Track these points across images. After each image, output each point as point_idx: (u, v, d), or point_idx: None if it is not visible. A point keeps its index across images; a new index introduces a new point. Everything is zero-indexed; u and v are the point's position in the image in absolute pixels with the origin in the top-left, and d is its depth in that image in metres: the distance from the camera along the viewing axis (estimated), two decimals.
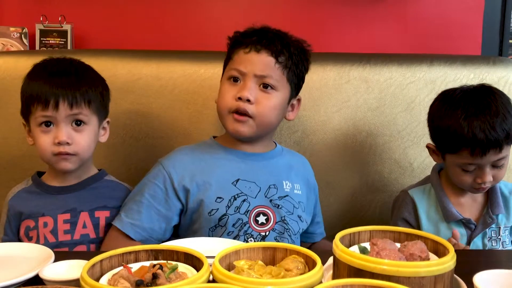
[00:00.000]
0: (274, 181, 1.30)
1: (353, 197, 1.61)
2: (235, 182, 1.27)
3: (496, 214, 1.32)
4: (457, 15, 1.91)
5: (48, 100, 1.18)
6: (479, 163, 1.24)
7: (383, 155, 1.61)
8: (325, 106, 1.60)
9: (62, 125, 1.20)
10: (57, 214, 1.24)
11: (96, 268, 0.79)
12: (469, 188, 1.30)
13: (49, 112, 1.19)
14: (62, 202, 1.26)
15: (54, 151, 1.20)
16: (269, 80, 1.25)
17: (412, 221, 1.36)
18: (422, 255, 0.82)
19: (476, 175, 1.27)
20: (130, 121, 1.56)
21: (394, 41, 1.90)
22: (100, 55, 1.58)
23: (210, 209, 1.24)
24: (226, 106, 1.26)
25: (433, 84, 1.61)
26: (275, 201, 1.29)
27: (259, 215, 1.26)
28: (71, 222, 1.24)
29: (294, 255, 0.83)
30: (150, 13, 1.87)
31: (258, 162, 1.31)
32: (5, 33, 1.80)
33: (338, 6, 1.90)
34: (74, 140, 1.21)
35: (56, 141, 1.20)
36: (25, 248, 1.03)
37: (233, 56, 1.29)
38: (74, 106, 1.20)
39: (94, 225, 1.25)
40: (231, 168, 1.29)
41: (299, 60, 1.30)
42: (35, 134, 1.22)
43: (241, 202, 1.25)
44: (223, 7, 1.88)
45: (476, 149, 1.22)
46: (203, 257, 0.79)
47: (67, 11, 1.82)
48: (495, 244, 1.33)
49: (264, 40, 1.26)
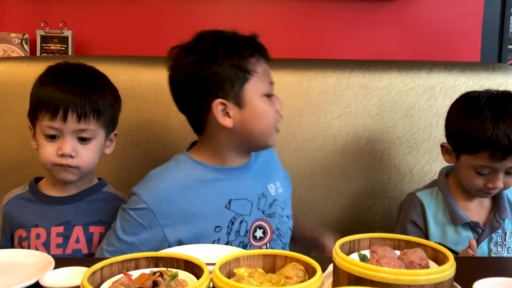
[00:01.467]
0: (261, 189, 1.25)
1: (352, 203, 1.61)
2: (228, 205, 1.19)
3: (502, 219, 1.32)
4: (456, 21, 1.92)
5: (57, 110, 1.16)
6: (496, 167, 1.24)
7: (382, 161, 1.61)
8: (325, 112, 1.61)
9: (68, 138, 1.18)
10: (51, 226, 1.21)
11: (97, 275, 0.79)
12: (477, 191, 1.30)
13: (57, 123, 1.17)
14: (57, 213, 1.23)
15: (56, 162, 1.19)
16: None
17: (420, 223, 1.35)
18: (422, 263, 0.82)
19: (488, 179, 1.27)
20: (130, 127, 1.56)
21: (394, 47, 1.91)
22: (100, 61, 1.58)
23: (211, 241, 1.16)
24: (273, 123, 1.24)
25: (433, 90, 1.61)
26: (267, 211, 1.24)
27: (256, 230, 1.22)
28: (64, 236, 1.21)
29: (294, 263, 0.83)
30: (151, 19, 1.87)
31: (243, 175, 1.24)
32: (6, 39, 1.81)
33: (337, 13, 1.91)
34: (78, 154, 1.19)
35: (59, 153, 1.18)
36: (25, 254, 1.03)
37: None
38: (82, 120, 1.17)
39: (87, 240, 1.22)
40: (220, 189, 1.19)
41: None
42: (40, 141, 1.21)
43: (239, 225, 1.19)
44: (223, 14, 1.89)
45: (497, 152, 1.22)
46: (203, 265, 0.79)
47: (68, 17, 1.83)
48: (501, 249, 1.33)
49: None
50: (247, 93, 1.16)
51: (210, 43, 1.18)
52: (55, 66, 1.25)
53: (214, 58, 1.16)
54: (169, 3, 1.87)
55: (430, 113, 1.61)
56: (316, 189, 1.59)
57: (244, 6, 1.91)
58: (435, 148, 1.60)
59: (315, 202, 1.60)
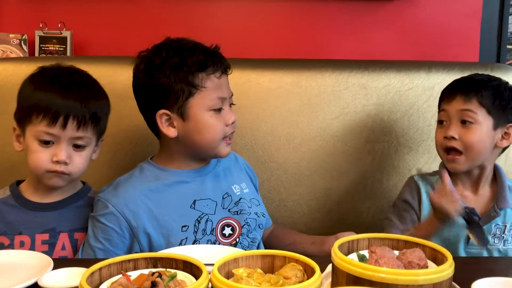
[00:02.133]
0: (225, 189, 1.29)
1: (351, 203, 1.61)
2: (193, 205, 1.24)
3: (501, 208, 1.32)
4: (455, 22, 1.92)
5: (57, 117, 1.13)
6: (447, 108, 1.33)
7: (381, 162, 1.61)
8: (324, 112, 1.61)
9: (64, 145, 1.16)
10: (35, 234, 1.18)
11: (95, 276, 0.79)
12: (441, 152, 1.35)
13: (55, 130, 1.14)
14: (41, 220, 1.20)
15: (50, 169, 1.16)
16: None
17: (414, 204, 1.38)
18: (421, 263, 0.82)
19: (446, 129, 1.32)
20: (128, 127, 1.56)
21: (393, 47, 1.91)
22: (99, 62, 1.59)
23: (179, 240, 1.20)
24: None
25: (431, 90, 1.61)
26: (233, 209, 1.28)
27: (224, 228, 1.25)
28: (50, 243, 1.19)
29: (293, 263, 0.83)
30: (150, 20, 1.87)
31: (205, 176, 1.28)
32: (4, 40, 1.81)
33: (336, 13, 1.91)
34: (72, 161, 1.17)
35: (54, 159, 1.15)
36: (24, 255, 1.03)
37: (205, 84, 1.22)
38: (81, 128, 1.16)
39: (73, 247, 1.20)
40: (184, 191, 1.24)
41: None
42: (31, 146, 1.17)
43: (205, 223, 1.23)
44: (222, 15, 1.89)
45: (446, 93, 1.35)
46: (202, 265, 0.79)
47: (66, 18, 1.83)
48: (497, 241, 1.33)
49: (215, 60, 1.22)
50: (191, 106, 1.19)
51: (162, 54, 1.21)
52: (48, 68, 1.22)
53: (162, 69, 1.20)
54: (167, 4, 1.87)
55: (429, 113, 1.61)
56: (315, 189, 1.59)
57: (243, 6, 1.91)
58: (434, 148, 1.59)
59: (314, 202, 1.60)
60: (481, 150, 1.30)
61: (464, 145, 1.30)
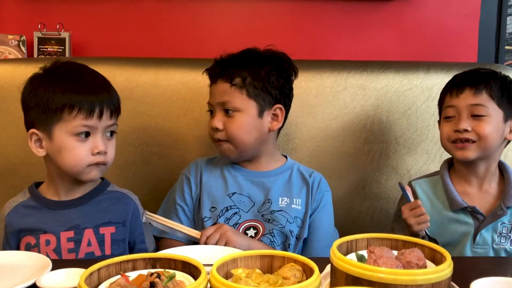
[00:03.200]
0: (269, 196, 1.36)
1: (350, 203, 1.62)
2: (231, 195, 1.36)
3: (508, 206, 1.30)
4: (454, 22, 1.92)
5: (93, 108, 1.15)
6: (456, 103, 1.30)
7: (380, 162, 1.61)
8: (323, 113, 1.61)
9: (100, 135, 1.17)
10: (60, 232, 1.18)
11: (94, 276, 0.79)
12: (450, 145, 1.33)
13: (93, 121, 1.15)
14: (65, 218, 1.20)
15: (91, 162, 1.17)
16: (229, 105, 1.31)
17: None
18: (419, 263, 0.82)
19: (455, 123, 1.31)
20: (128, 128, 1.56)
21: (391, 48, 1.91)
22: (98, 63, 1.58)
23: (204, 216, 1.34)
24: (210, 137, 1.38)
25: (430, 91, 1.62)
26: (267, 216, 1.34)
27: (249, 229, 1.33)
28: (75, 240, 1.18)
29: (292, 263, 0.83)
30: (148, 21, 1.87)
31: (258, 179, 1.38)
32: (3, 41, 1.80)
33: (335, 14, 1.91)
34: (108, 149, 1.19)
35: (95, 151, 1.16)
36: (22, 256, 1.03)
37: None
38: (113, 116, 1.20)
39: (99, 242, 1.20)
40: (231, 182, 1.37)
41: (260, 76, 1.33)
42: (66, 143, 1.15)
43: (232, 215, 1.34)
44: (221, 16, 1.89)
45: (454, 89, 1.32)
46: (201, 266, 0.79)
47: (65, 19, 1.82)
48: (504, 241, 1.32)
49: (219, 69, 1.35)
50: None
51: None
52: (59, 68, 1.21)
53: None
54: (166, 5, 1.87)
55: (428, 113, 1.61)
56: None
57: (242, 7, 1.91)
58: (432, 149, 1.60)
59: None
60: (494, 141, 1.30)
61: (478, 135, 1.29)
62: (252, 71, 1.32)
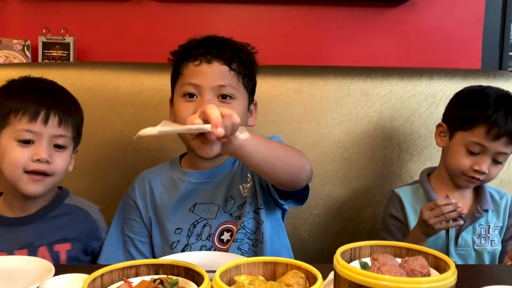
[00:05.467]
0: (231, 191, 1.22)
1: (353, 210, 1.61)
2: (192, 208, 1.21)
3: (484, 209, 1.37)
4: (457, 29, 1.92)
5: (38, 112, 1.11)
6: (487, 146, 1.29)
7: (383, 168, 1.61)
8: (326, 119, 1.61)
9: (45, 143, 1.11)
10: (13, 250, 1.13)
11: (97, 282, 0.79)
12: (462, 175, 1.34)
13: (37, 126, 1.11)
14: (18, 235, 1.15)
15: (29, 168, 1.11)
16: (227, 90, 1.17)
17: (400, 217, 1.41)
18: (423, 271, 0.81)
19: (476, 161, 1.31)
20: (132, 133, 1.55)
21: (395, 54, 1.91)
22: (102, 68, 1.59)
23: (171, 242, 1.20)
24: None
25: (434, 97, 1.61)
26: (235, 213, 1.21)
27: (223, 233, 1.20)
28: None
29: (295, 270, 0.82)
30: (152, 26, 1.88)
31: (214, 178, 1.23)
32: (8, 45, 1.81)
33: (338, 20, 1.91)
34: (53, 161, 1.13)
35: (35, 158, 1.10)
36: (25, 261, 1.03)
37: (183, 71, 1.20)
38: (62, 125, 1.14)
39: (53, 259, 1.14)
40: (188, 192, 1.22)
41: (250, 64, 1.23)
42: (7, 147, 1.11)
43: (202, 228, 1.20)
44: (224, 21, 1.90)
45: (493, 129, 1.27)
46: (204, 272, 0.79)
47: (69, 23, 1.84)
48: (484, 241, 1.37)
49: (214, 50, 1.18)
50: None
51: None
52: (18, 80, 1.21)
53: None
54: (170, 10, 1.88)
55: (431, 120, 1.61)
56: (317, 195, 1.59)
57: (245, 12, 1.92)
58: (436, 155, 1.60)
59: (315, 209, 1.60)
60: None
61: (488, 178, 1.34)
62: (245, 60, 1.21)
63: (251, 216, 1.21)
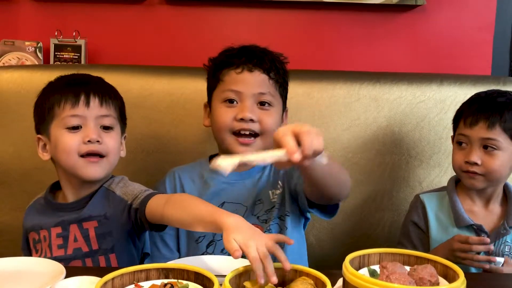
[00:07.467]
0: (260, 195, 1.26)
1: (361, 215, 1.61)
2: (220, 206, 1.24)
3: (510, 226, 1.31)
4: (468, 34, 1.92)
5: (79, 96, 1.15)
6: (468, 134, 1.30)
7: (392, 174, 1.61)
8: (335, 124, 1.61)
9: (92, 125, 1.15)
10: (50, 227, 1.18)
11: (108, 286, 0.80)
12: (460, 172, 1.33)
13: (80, 110, 1.14)
14: (55, 214, 1.20)
15: (82, 151, 1.14)
16: (266, 97, 1.25)
17: (422, 224, 1.38)
18: (432, 280, 0.81)
19: (466, 153, 1.30)
20: (141, 136, 1.58)
21: (404, 60, 1.91)
22: (113, 70, 1.60)
23: (197, 236, 1.23)
24: (226, 128, 1.23)
25: (443, 103, 1.61)
26: (262, 217, 1.26)
27: None
28: (63, 236, 1.17)
29: (304, 277, 0.83)
30: (163, 29, 1.89)
31: (245, 180, 1.28)
32: (20, 47, 1.83)
33: (348, 25, 1.91)
34: (103, 141, 1.15)
35: (86, 139, 1.13)
36: (36, 263, 1.04)
37: (223, 77, 1.27)
38: (104, 104, 1.17)
39: (84, 237, 1.16)
40: (217, 191, 1.27)
41: (284, 73, 1.32)
42: (59, 137, 1.15)
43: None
44: (233, 25, 1.90)
45: (469, 117, 1.30)
46: (214, 277, 0.80)
47: (81, 26, 1.85)
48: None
49: (255, 59, 1.26)
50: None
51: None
52: (58, 77, 1.26)
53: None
54: (181, 14, 1.89)
55: (441, 126, 1.60)
56: None
57: (255, 17, 1.93)
58: (445, 161, 1.60)
59: None
60: (503, 173, 1.31)
61: (486, 170, 1.29)
62: (281, 70, 1.29)
63: (277, 221, 1.26)
